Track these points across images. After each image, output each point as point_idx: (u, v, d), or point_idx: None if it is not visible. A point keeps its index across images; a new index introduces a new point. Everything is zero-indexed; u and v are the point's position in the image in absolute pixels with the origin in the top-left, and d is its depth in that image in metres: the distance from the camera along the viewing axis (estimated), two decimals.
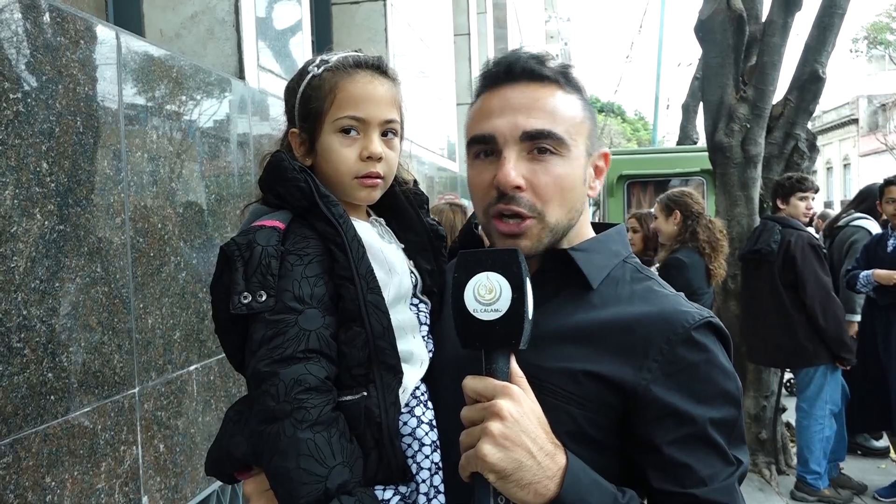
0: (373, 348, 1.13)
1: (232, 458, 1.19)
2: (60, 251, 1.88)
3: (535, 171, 1.12)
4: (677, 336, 1.08)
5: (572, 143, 1.14)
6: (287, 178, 1.19)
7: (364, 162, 1.23)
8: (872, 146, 27.92)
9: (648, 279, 1.21)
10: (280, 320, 1.10)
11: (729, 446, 1.08)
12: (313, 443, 1.05)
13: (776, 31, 5.39)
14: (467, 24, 11.27)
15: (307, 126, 1.26)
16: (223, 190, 2.81)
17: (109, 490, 2.03)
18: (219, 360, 2.67)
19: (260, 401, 1.09)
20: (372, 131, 1.23)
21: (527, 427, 0.97)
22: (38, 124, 1.81)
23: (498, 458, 0.95)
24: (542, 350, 1.10)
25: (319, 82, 1.25)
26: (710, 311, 1.15)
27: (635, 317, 1.11)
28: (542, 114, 1.13)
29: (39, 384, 1.78)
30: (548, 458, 0.98)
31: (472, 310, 0.99)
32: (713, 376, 1.09)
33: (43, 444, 1.78)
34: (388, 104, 1.25)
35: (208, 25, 3.20)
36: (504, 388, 0.98)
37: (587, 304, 1.15)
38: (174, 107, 2.50)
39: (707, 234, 4.09)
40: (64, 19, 1.94)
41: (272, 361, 1.08)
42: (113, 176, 2.12)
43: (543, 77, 1.16)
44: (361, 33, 5.59)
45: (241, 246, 1.13)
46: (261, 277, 1.11)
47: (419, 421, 1.16)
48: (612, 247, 1.23)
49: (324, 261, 1.16)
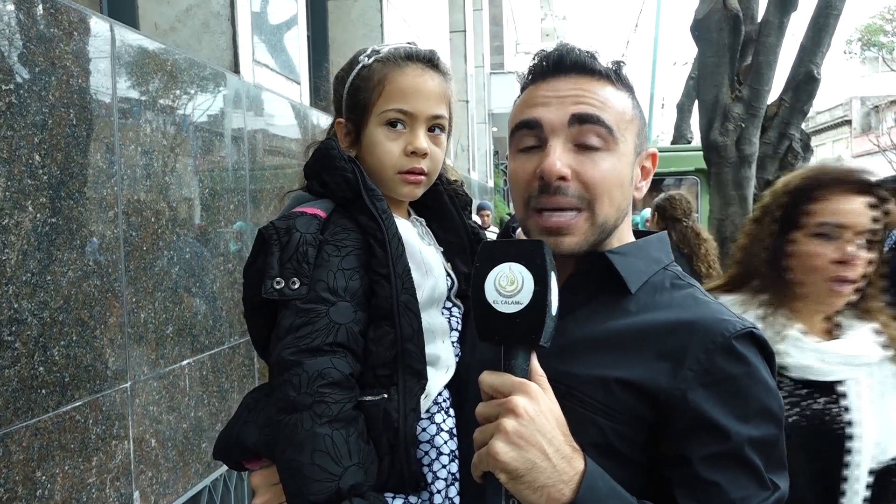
0: (400, 350, 1.10)
1: (242, 446, 1.15)
2: (52, 244, 1.87)
3: (583, 163, 1.06)
4: (716, 345, 1.01)
5: (621, 137, 1.08)
6: (335, 168, 1.16)
7: (408, 157, 1.19)
8: (865, 147, 28.05)
9: (690, 286, 1.13)
10: (311, 310, 1.08)
11: (766, 468, 0.99)
12: (330, 439, 1.02)
13: (772, 31, 5.41)
14: (463, 20, 11.26)
15: (354, 117, 1.23)
16: (217, 184, 2.79)
17: (101, 485, 2.02)
18: (211, 356, 2.66)
19: (281, 389, 1.06)
20: (418, 126, 1.20)
21: (543, 426, 0.92)
22: (31, 116, 1.80)
23: (511, 456, 0.90)
24: (571, 356, 1.05)
25: (369, 73, 1.21)
26: (753, 322, 1.06)
27: (672, 323, 1.05)
28: (593, 101, 1.07)
29: (30, 378, 1.77)
30: (564, 461, 0.92)
31: (491, 301, 0.95)
32: (753, 391, 1.00)
33: (34, 438, 1.77)
34: (437, 99, 1.22)
35: (203, 19, 3.18)
36: (521, 384, 0.93)
37: (622, 311, 1.08)
38: (168, 100, 2.49)
39: (679, 237, 4.19)
40: (58, 11, 1.93)
41: (298, 350, 1.06)
42: (106, 169, 2.10)
43: (595, 71, 1.10)
44: (357, 29, 5.58)
45: (279, 230, 1.11)
46: (296, 264, 1.08)
47: (439, 428, 1.13)
48: (652, 253, 1.16)
49: (361, 255, 1.13)
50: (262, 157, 3.23)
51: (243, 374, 2.92)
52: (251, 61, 3.30)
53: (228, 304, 2.79)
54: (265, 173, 3.27)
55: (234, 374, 2.84)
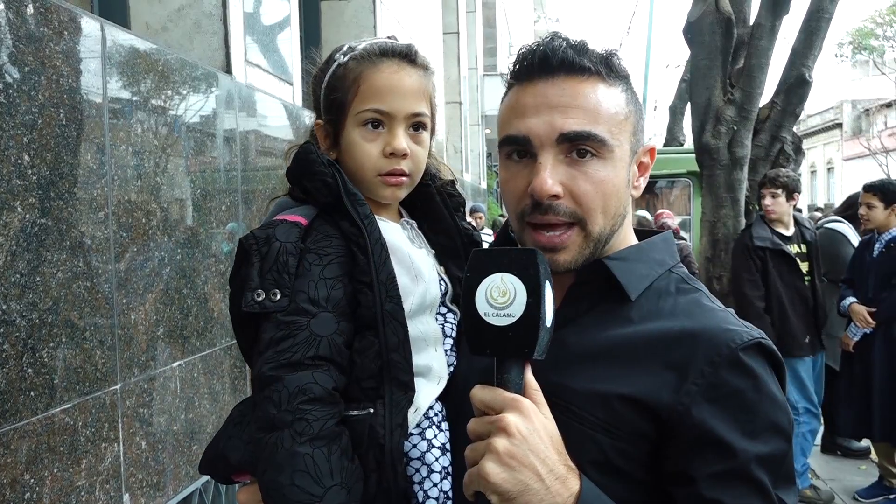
0: (385, 361, 1.06)
1: (226, 462, 1.11)
2: (42, 245, 1.85)
3: (575, 176, 1.02)
4: (722, 357, 0.96)
5: (615, 143, 1.03)
6: (314, 172, 1.12)
7: (388, 158, 1.15)
8: (856, 150, 28.21)
9: (695, 291, 1.07)
10: (291, 322, 1.03)
11: (774, 486, 0.95)
12: (311, 458, 0.97)
13: (764, 35, 5.43)
14: (456, 22, 11.27)
15: (331, 118, 1.19)
16: (208, 185, 2.78)
17: (90, 487, 2.00)
18: (202, 357, 2.65)
19: (261, 406, 1.02)
20: (397, 125, 1.15)
21: (536, 446, 0.87)
22: (20, 116, 1.79)
23: (502, 478, 0.86)
24: (569, 370, 1.01)
25: (344, 72, 1.17)
26: (761, 332, 1.01)
27: (675, 333, 0.99)
28: (582, 112, 1.02)
29: (19, 380, 1.76)
30: (558, 482, 0.88)
31: (482, 313, 0.90)
32: (761, 406, 0.96)
33: (22, 440, 1.76)
34: (415, 96, 1.17)
35: (195, 19, 3.17)
36: (514, 400, 0.89)
37: (624, 319, 1.03)
38: (159, 101, 2.47)
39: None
40: (48, 10, 1.91)
41: (278, 365, 1.02)
42: (96, 170, 2.09)
43: (584, 69, 1.03)
44: (350, 30, 5.57)
45: (259, 240, 1.07)
46: (276, 275, 1.04)
47: (430, 445, 1.09)
48: (655, 255, 1.10)
49: (345, 262, 1.08)
50: (254, 158, 3.22)
51: (234, 377, 2.90)
52: (243, 62, 3.29)
53: (219, 305, 2.77)
54: (257, 174, 3.25)
55: (226, 377, 2.83)
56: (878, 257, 4.64)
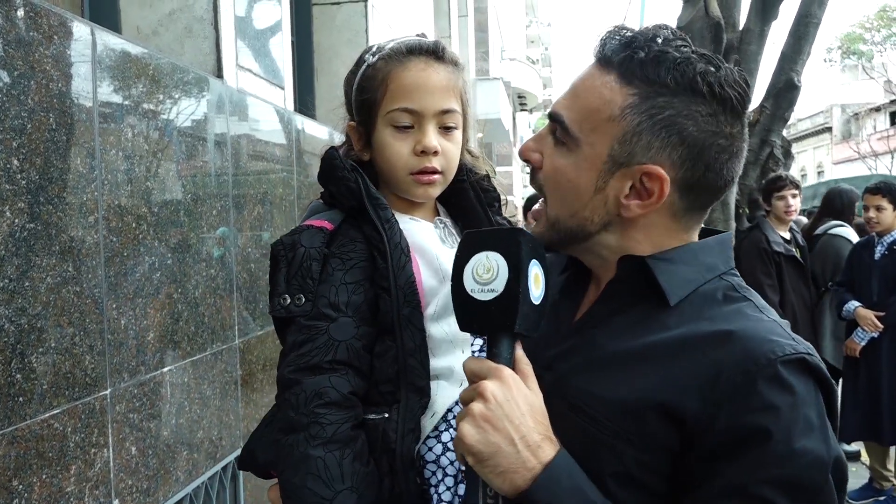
0: (402, 365, 1.07)
1: (254, 459, 1.14)
2: (31, 250, 1.84)
3: (548, 154, 1.04)
4: (759, 367, 0.87)
5: (582, 137, 1.02)
6: (338, 178, 1.13)
7: (419, 157, 1.15)
8: (846, 154, 28.41)
9: (745, 300, 0.98)
10: (312, 326, 1.06)
11: None
12: (323, 462, 0.99)
13: (753, 39, 5.47)
14: (448, 27, 11.28)
15: (363, 119, 1.19)
16: (199, 190, 2.77)
17: (79, 493, 1.99)
18: (193, 362, 2.64)
19: (283, 408, 1.05)
20: (427, 123, 1.15)
21: (511, 412, 0.89)
22: (9, 120, 1.78)
23: (476, 440, 0.89)
24: (594, 374, 0.97)
25: (373, 72, 1.17)
26: (809, 347, 0.92)
27: (707, 336, 0.92)
28: (571, 95, 1.05)
29: (7, 385, 1.75)
30: (528, 450, 0.89)
31: (469, 290, 0.93)
32: (794, 427, 0.86)
33: (10, 446, 1.75)
34: (444, 93, 1.16)
35: (186, 23, 3.16)
36: (496, 369, 0.91)
37: (660, 326, 0.96)
38: (150, 105, 2.47)
39: None
40: (37, 14, 1.91)
41: (297, 369, 1.04)
42: (86, 174, 2.08)
43: (608, 62, 1.01)
44: (342, 34, 5.57)
45: (286, 246, 1.09)
46: (301, 280, 1.06)
47: (445, 448, 1.08)
48: (705, 258, 1.00)
49: (367, 267, 1.10)
50: (245, 163, 3.22)
51: (225, 381, 2.89)
52: (235, 66, 3.28)
53: (210, 310, 2.76)
54: (248, 178, 3.25)
55: (217, 381, 2.82)
56: (882, 260, 4.51)
